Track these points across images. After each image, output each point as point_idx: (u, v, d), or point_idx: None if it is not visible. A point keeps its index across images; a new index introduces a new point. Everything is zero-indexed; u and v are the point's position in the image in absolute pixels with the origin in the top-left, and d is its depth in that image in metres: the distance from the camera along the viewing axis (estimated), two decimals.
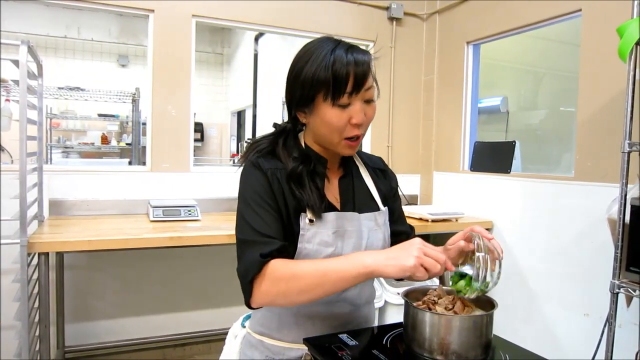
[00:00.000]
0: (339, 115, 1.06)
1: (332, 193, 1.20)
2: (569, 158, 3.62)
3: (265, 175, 1.10)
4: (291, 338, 1.15)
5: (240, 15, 3.01)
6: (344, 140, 1.10)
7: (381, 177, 1.32)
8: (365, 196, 1.24)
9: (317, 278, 0.97)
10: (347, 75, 1.03)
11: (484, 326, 0.99)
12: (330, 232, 1.11)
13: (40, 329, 2.03)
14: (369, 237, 1.18)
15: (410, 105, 3.55)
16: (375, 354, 1.00)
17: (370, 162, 1.33)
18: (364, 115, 1.08)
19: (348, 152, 1.13)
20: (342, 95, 1.04)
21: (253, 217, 1.06)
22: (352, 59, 1.04)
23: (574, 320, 2.39)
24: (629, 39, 1.70)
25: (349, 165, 1.26)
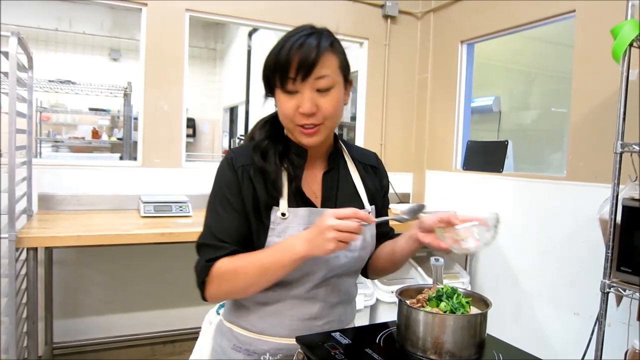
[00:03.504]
0: (286, 102, 1.05)
1: (313, 187, 1.17)
2: (560, 158, 3.64)
3: (235, 174, 1.10)
4: (259, 329, 1.14)
5: (233, 11, 2.99)
6: (297, 127, 1.07)
7: (371, 173, 1.28)
8: (349, 193, 1.20)
9: (258, 272, 1.02)
10: (288, 60, 1.02)
11: (477, 325, 0.98)
12: (301, 228, 1.09)
13: (28, 325, 2.01)
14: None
15: (404, 104, 3.55)
16: (368, 353, 0.99)
17: (361, 157, 1.29)
18: (315, 105, 1.04)
19: (305, 140, 1.09)
20: (286, 81, 1.03)
21: (213, 219, 1.10)
22: (298, 45, 1.02)
23: (564, 319, 2.41)
24: (623, 40, 1.70)
25: (335, 160, 1.22)
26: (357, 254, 1.15)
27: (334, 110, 1.07)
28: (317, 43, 1.03)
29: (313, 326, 1.14)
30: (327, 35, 1.09)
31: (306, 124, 1.06)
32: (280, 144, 1.14)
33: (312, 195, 1.15)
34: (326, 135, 1.11)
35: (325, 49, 1.04)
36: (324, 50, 1.03)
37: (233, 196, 1.09)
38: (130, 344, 2.91)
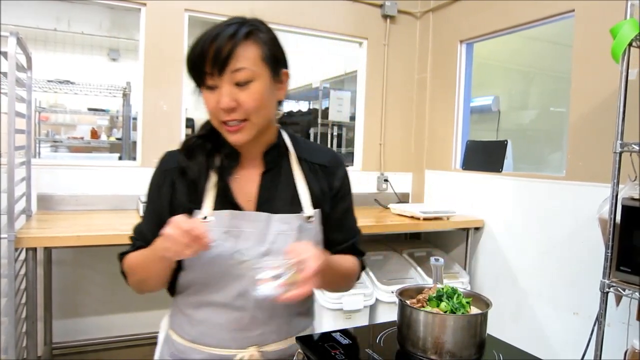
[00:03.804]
0: (208, 98, 1.01)
1: (247, 189, 1.09)
2: (559, 158, 3.65)
3: (157, 176, 1.11)
4: (190, 337, 1.10)
5: (233, 10, 2.93)
6: (222, 124, 1.02)
7: (320, 174, 1.15)
8: (288, 195, 1.11)
9: (142, 264, 1.05)
10: (203, 54, 0.96)
11: (478, 325, 0.98)
12: (221, 231, 1.04)
13: (27, 325, 2.01)
14: (276, 242, 1.06)
15: (403, 104, 3.55)
16: (369, 353, 1.00)
17: (310, 155, 1.16)
18: (234, 99, 0.98)
19: (231, 139, 1.03)
20: (204, 76, 0.98)
21: (143, 217, 1.14)
22: (214, 35, 0.96)
23: (564, 319, 2.41)
24: (622, 39, 1.70)
25: (275, 159, 1.13)
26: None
27: (257, 104, 0.99)
28: (232, 33, 0.98)
29: (245, 337, 1.07)
30: (250, 24, 1.03)
31: (228, 120, 1.00)
32: (211, 143, 1.08)
33: (244, 197, 1.08)
34: (254, 133, 1.03)
35: (242, 39, 0.98)
36: (240, 40, 0.98)
37: (151, 198, 1.11)
38: (130, 344, 2.91)
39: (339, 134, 4.73)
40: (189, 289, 1.10)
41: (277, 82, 1.06)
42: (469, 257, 2.96)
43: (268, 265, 0.93)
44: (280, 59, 1.08)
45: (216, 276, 1.05)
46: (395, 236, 3.44)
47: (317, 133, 4.80)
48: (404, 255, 3.00)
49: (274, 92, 1.06)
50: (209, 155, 1.08)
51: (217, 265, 1.04)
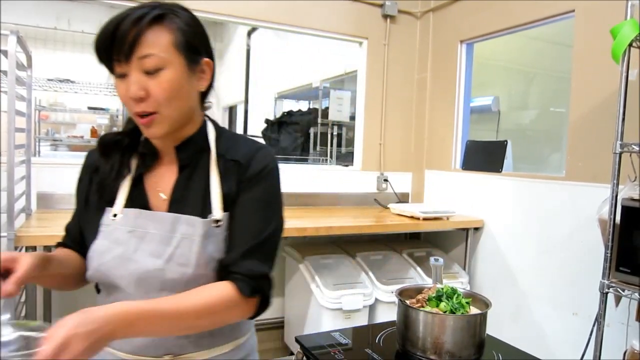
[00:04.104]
0: (118, 87, 0.94)
1: (162, 188, 1.03)
2: (559, 158, 3.65)
3: (80, 172, 1.10)
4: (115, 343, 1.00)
5: (233, 10, 2.98)
6: (135, 116, 0.94)
7: (233, 171, 1.01)
8: (199, 195, 1.00)
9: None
10: (107, 38, 0.88)
11: (477, 325, 0.99)
12: (126, 231, 0.98)
13: None
14: (180, 246, 0.96)
15: (403, 103, 3.55)
16: (368, 353, 1.00)
17: (230, 151, 1.04)
18: (143, 88, 0.90)
19: (145, 132, 0.96)
20: (111, 63, 0.92)
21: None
22: (119, 19, 0.89)
23: (563, 319, 2.41)
24: (623, 40, 1.70)
25: (191, 155, 1.03)
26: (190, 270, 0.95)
27: (167, 94, 0.92)
28: (139, 16, 0.89)
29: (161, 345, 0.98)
30: (162, 8, 0.94)
31: (138, 111, 0.92)
32: (130, 138, 1.03)
33: (158, 196, 1.02)
34: (168, 126, 0.96)
35: (150, 23, 0.90)
36: (147, 25, 0.90)
37: (77, 194, 1.09)
38: None
39: (338, 134, 4.74)
40: (102, 289, 1.05)
41: (196, 71, 0.98)
42: (468, 257, 2.96)
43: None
44: (199, 46, 1.00)
45: (122, 279, 0.97)
46: (395, 236, 3.45)
47: (317, 133, 4.80)
48: (403, 255, 3.00)
49: (191, 82, 0.97)
50: (125, 152, 1.03)
51: (121, 266, 0.96)
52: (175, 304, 0.89)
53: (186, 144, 1.02)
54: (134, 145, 1.04)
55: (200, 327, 0.95)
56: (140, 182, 1.02)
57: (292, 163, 4.47)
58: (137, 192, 1.02)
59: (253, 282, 0.95)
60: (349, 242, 3.16)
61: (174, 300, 0.90)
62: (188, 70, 0.95)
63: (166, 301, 0.89)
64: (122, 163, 1.02)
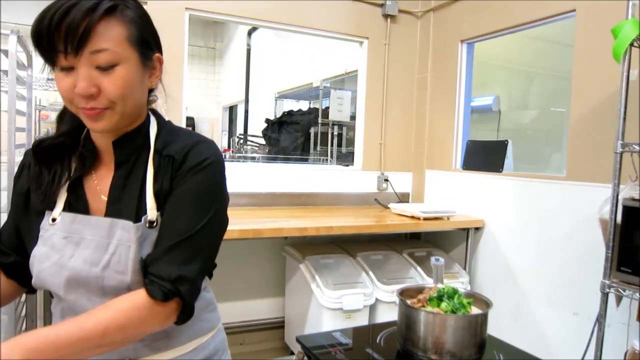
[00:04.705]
0: (61, 80, 0.85)
1: (102, 188, 0.96)
2: (559, 158, 3.64)
3: (18, 170, 1.00)
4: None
5: (233, 9, 2.98)
6: (79, 110, 0.86)
7: (167, 168, 0.94)
8: (134, 196, 0.93)
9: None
10: (52, 27, 0.79)
11: (478, 325, 0.98)
12: (61, 237, 0.92)
13: (27, 323, 2.00)
14: (116, 253, 0.89)
15: (403, 103, 3.55)
16: (369, 353, 0.99)
17: (167, 147, 0.97)
18: (94, 84, 0.83)
19: (92, 126, 0.89)
20: (55, 55, 0.82)
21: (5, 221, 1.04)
22: (66, 6, 0.79)
23: (564, 319, 2.41)
24: (624, 39, 1.70)
25: (128, 151, 0.96)
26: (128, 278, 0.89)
27: (122, 92, 0.86)
28: (91, 7, 0.80)
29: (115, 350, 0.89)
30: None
31: (86, 107, 0.85)
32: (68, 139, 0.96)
33: (97, 196, 0.95)
34: (117, 121, 0.89)
35: (103, 14, 0.82)
36: (100, 16, 0.81)
37: (14, 195, 1.00)
38: None
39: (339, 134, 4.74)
40: (52, 297, 0.99)
41: (147, 67, 0.95)
42: (469, 257, 2.96)
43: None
44: (151, 41, 0.97)
45: (60, 287, 0.91)
46: (396, 236, 3.45)
47: (318, 132, 4.80)
48: (404, 255, 3.00)
49: (143, 79, 0.94)
50: (63, 156, 0.96)
51: (57, 274, 0.91)
52: (76, 326, 0.82)
53: (123, 139, 0.95)
54: (73, 147, 0.97)
55: (113, 345, 0.85)
56: (79, 184, 0.96)
57: (292, 163, 4.47)
58: (76, 195, 0.95)
59: (168, 285, 0.86)
60: (350, 242, 3.16)
61: (76, 322, 0.82)
62: (141, 67, 0.92)
63: (67, 325, 0.82)
64: (63, 167, 0.95)
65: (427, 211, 2.84)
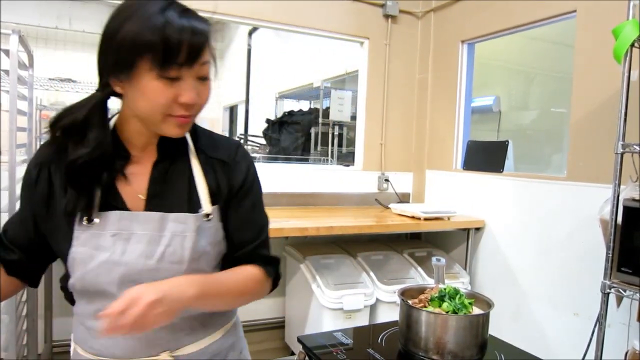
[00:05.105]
0: (163, 90, 0.87)
1: (136, 184, 0.99)
2: (560, 158, 3.64)
3: (28, 175, 0.99)
4: (94, 350, 1.00)
5: (233, 10, 2.98)
6: (168, 117, 0.91)
7: (219, 170, 1.04)
8: (183, 190, 1.00)
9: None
10: (180, 42, 0.85)
11: (480, 326, 0.98)
12: (109, 235, 0.94)
13: (28, 323, 2.01)
14: (171, 244, 0.95)
15: (404, 103, 3.55)
16: (370, 353, 1.00)
17: (210, 149, 1.05)
18: (197, 95, 0.90)
19: (175, 131, 0.94)
20: (171, 66, 0.86)
21: (13, 216, 1.04)
22: (188, 25, 0.87)
23: (564, 320, 2.41)
24: (624, 40, 1.70)
25: (171, 148, 1.02)
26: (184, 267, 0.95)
27: (207, 101, 0.95)
28: (203, 26, 0.90)
29: (155, 343, 0.98)
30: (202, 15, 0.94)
31: (180, 114, 0.91)
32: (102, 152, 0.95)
33: (133, 194, 0.99)
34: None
35: (210, 32, 0.91)
36: (209, 33, 0.91)
37: (26, 198, 0.99)
38: None
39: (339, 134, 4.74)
40: (84, 297, 1.00)
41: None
42: (469, 257, 2.96)
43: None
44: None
45: (111, 284, 0.94)
46: (396, 236, 3.45)
47: (318, 132, 4.80)
48: (404, 255, 3.00)
49: None
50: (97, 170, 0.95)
51: (109, 271, 0.93)
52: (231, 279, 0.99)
53: (168, 140, 0.99)
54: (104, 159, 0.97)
55: (237, 304, 1.07)
56: (111, 183, 0.98)
57: (293, 163, 4.47)
58: (112, 194, 0.97)
59: (275, 267, 1.08)
60: (350, 242, 3.16)
61: (230, 275, 1.00)
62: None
63: (224, 275, 0.99)
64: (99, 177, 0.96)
65: (428, 211, 2.84)
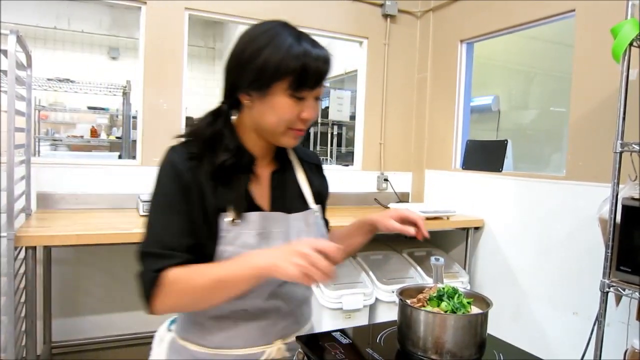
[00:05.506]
0: (292, 107, 1.01)
1: (261, 190, 1.11)
2: (559, 158, 3.64)
3: (179, 177, 1.01)
4: (214, 344, 1.07)
5: (233, 9, 2.98)
6: (289, 130, 1.04)
7: (316, 172, 1.25)
8: (296, 194, 1.17)
9: (212, 286, 0.95)
10: (317, 70, 1.00)
11: (478, 325, 0.98)
12: (254, 234, 1.04)
13: (26, 324, 2.00)
14: (298, 239, 1.09)
15: (403, 103, 3.55)
16: (369, 353, 0.99)
17: (305, 156, 1.26)
18: (314, 112, 1.05)
19: (291, 142, 1.08)
20: (303, 88, 1.00)
21: (158, 225, 1.01)
22: (321, 54, 1.02)
23: (564, 319, 2.41)
24: (623, 39, 1.70)
25: (283, 159, 1.18)
26: None
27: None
28: (328, 55, 1.04)
29: (271, 332, 1.09)
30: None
31: (299, 128, 1.05)
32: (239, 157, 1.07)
33: (260, 197, 1.10)
34: None
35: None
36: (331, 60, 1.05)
37: (178, 200, 1.00)
38: (130, 343, 2.90)
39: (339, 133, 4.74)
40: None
41: None
42: (468, 256, 2.96)
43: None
44: None
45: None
46: (395, 236, 3.41)
47: (317, 132, 4.80)
48: (403, 254, 3.00)
49: None
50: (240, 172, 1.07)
51: None
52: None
53: (282, 150, 1.17)
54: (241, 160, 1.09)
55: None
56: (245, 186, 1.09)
57: None
58: (245, 196, 1.07)
59: None
60: None
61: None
62: None
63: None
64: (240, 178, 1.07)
65: (427, 211, 2.84)
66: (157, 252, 0.99)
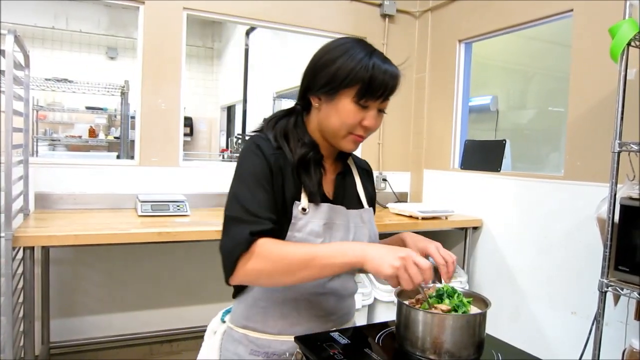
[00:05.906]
0: (355, 113, 1.09)
1: (327, 187, 1.21)
2: (557, 158, 3.65)
3: (266, 160, 1.09)
4: (277, 330, 1.15)
5: (231, 9, 2.98)
6: (349, 134, 1.12)
7: (367, 178, 1.36)
8: (353, 194, 1.28)
9: (305, 261, 0.98)
10: (384, 83, 1.07)
11: (477, 325, 0.98)
12: (321, 223, 1.13)
13: (24, 324, 2.00)
14: (356, 232, 1.21)
15: (402, 103, 3.55)
16: (367, 353, 0.99)
17: (358, 161, 1.37)
18: (375, 121, 1.13)
19: (350, 147, 1.15)
20: (368, 98, 1.08)
21: (246, 195, 1.05)
22: (390, 70, 1.09)
23: (562, 318, 2.41)
24: (621, 39, 1.70)
25: (344, 163, 1.29)
26: None
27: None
28: (399, 73, 1.12)
29: (328, 321, 1.19)
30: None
31: (359, 135, 1.13)
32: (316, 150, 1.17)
33: (328, 193, 1.21)
34: None
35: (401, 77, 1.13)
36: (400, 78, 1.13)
37: (264, 178, 1.08)
38: (128, 344, 2.90)
39: None
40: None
41: None
42: (467, 256, 2.96)
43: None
44: None
45: None
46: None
47: None
48: None
49: None
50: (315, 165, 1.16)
51: None
52: None
53: (343, 155, 1.28)
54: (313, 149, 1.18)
55: None
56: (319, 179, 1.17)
57: None
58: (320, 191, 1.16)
59: None
60: None
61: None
62: None
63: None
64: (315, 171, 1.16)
65: (426, 211, 2.84)
66: (249, 219, 1.02)
